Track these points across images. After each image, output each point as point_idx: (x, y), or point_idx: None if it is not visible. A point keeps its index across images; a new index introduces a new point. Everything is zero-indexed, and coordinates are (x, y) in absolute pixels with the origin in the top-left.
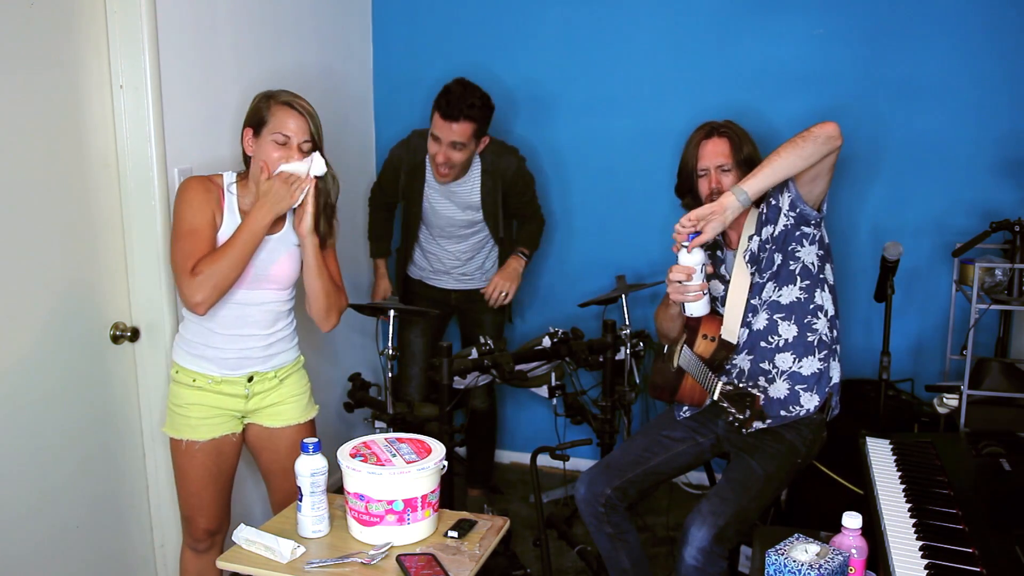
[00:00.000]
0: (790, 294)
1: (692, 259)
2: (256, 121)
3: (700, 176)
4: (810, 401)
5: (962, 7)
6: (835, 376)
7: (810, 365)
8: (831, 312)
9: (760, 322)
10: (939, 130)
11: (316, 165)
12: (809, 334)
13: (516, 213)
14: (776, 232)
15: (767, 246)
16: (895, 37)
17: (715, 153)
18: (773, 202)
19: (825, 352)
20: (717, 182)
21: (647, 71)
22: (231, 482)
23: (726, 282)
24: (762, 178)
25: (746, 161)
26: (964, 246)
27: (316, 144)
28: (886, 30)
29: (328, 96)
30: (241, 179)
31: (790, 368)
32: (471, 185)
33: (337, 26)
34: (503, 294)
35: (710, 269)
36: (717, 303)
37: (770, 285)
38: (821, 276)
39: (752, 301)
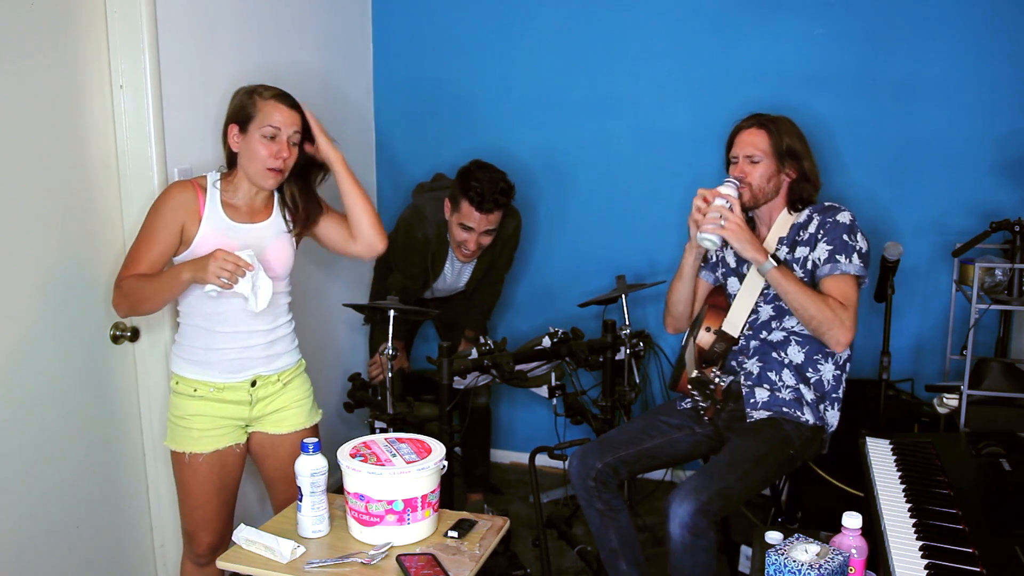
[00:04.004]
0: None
1: (723, 190)
2: (242, 117)
3: (732, 163)
4: (808, 414)
5: (962, 7)
6: (833, 422)
7: (808, 393)
8: (842, 360)
9: (776, 335)
10: (939, 130)
11: (261, 297)
12: (810, 370)
13: (487, 270)
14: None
15: (794, 268)
16: (895, 37)
17: (747, 143)
18: (807, 238)
19: (818, 401)
20: (742, 171)
21: (647, 71)
22: (235, 496)
23: (742, 277)
24: (784, 282)
25: (788, 152)
26: (964, 246)
27: (312, 135)
28: (886, 30)
29: (328, 96)
30: (226, 177)
31: (795, 384)
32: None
33: (337, 26)
34: None
35: (736, 205)
36: (729, 297)
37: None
38: None
39: (773, 313)
